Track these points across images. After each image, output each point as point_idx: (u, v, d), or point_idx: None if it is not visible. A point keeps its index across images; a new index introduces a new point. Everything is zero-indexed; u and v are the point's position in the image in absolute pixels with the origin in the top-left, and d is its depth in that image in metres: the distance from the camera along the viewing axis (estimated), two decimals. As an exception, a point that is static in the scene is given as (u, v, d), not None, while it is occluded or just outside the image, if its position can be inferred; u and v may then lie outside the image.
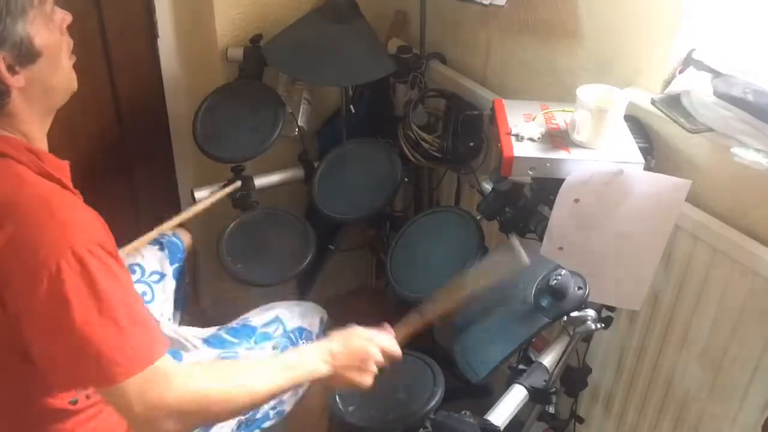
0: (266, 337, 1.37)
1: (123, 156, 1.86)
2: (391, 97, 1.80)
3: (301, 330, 1.42)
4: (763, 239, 1.19)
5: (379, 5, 1.86)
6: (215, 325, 1.40)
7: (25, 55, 0.93)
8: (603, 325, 1.18)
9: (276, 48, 1.65)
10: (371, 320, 1.17)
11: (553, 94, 1.47)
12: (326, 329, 1.48)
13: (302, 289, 1.89)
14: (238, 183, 1.63)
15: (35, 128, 1.00)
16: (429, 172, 1.83)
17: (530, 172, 1.21)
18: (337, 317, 1.52)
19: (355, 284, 2.11)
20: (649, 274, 1.25)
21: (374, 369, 1.13)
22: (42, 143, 1.03)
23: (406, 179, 1.65)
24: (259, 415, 1.33)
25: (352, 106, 1.77)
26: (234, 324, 1.39)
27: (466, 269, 1.20)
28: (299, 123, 1.73)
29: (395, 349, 1.15)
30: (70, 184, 1.02)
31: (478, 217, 1.42)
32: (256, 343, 1.35)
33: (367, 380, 1.12)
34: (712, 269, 1.26)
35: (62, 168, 1.02)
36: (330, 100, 1.90)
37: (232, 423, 1.29)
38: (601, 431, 1.63)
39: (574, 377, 1.35)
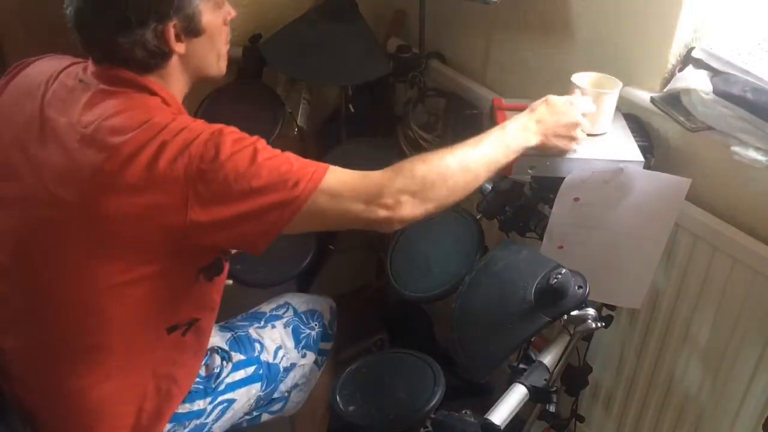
0: (277, 317, 1.40)
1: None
2: (390, 96, 1.80)
3: (313, 312, 1.44)
4: (763, 237, 1.19)
5: (379, 4, 1.86)
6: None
7: (192, 28, 1.08)
8: (603, 324, 1.18)
9: (274, 47, 1.65)
10: (371, 320, 1.17)
11: (552, 92, 1.47)
12: (336, 317, 1.50)
13: (302, 290, 1.89)
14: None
15: (177, 93, 1.12)
16: (429, 171, 1.83)
17: (530, 171, 1.21)
18: (338, 316, 1.52)
19: (355, 284, 2.11)
20: (650, 272, 1.25)
21: (579, 135, 1.17)
22: None
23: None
24: (276, 395, 1.38)
25: (351, 106, 1.77)
26: (244, 314, 1.43)
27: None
28: (299, 123, 1.73)
29: (592, 109, 1.20)
30: None
31: (478, 217, 1.42)
32: (266, 322, 1.38)
33: (572, 147, 1.18)
34: (712, 267, 1.26)
35: None
36: (329, 99, 1.90)
37: (252, 400, 1.33)
38: (601, 430, 1.63)
39: (574, 376, 1.35)
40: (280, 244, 1.66)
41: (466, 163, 1.07)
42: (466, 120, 1.59)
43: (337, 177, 1.03)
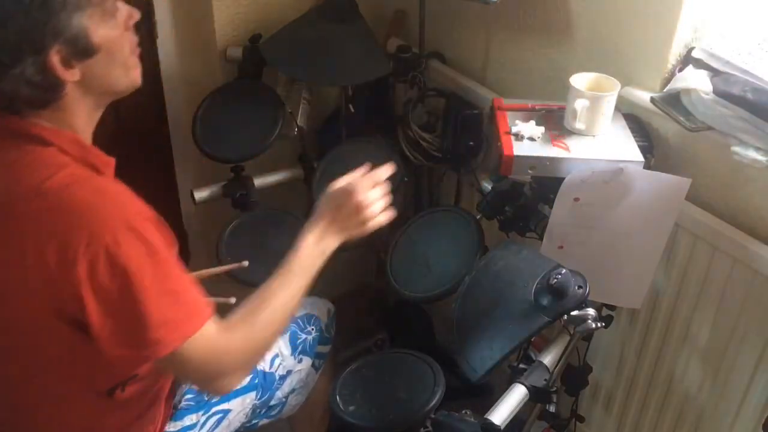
0: None
1: (122, 156, 1.85)
2: (390, 96, 1.80)
3: (310, 316, 1.43)
4: (763, 237, 1.19)
5: (379, 4, 1.86)
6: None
7: (82, 50, 0.93)
8: (603, 324, 1.18)
9: (274, 47, 1.65)
10: (371, 320, 1.17)
11: (552, 92, 1.47)
12: (335, 320, 1.49)
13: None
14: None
15: (83, 122, 1.01)
16: (428, 171, 1.83)
17: (530, 171, 1.21)
18: (338, 317, 1.52)
19: (355, 284, 2.11)
20: (650, 272, 1.25)
21: (373, 210, 1.15)
22: (88, 137, 1.03)
23: (405, 179, 1.65)
24: (273, 402, 1.36)
25: (351, 106, 1.77)
26: None
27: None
28: (299, 123, 1.73)
29: (375, 176, 1.16)
30: (112, 178, 1.04)
31: (478, 217, 1.43)
32: None
33: (370, 225, 1.16)
34: (712, 267, 1.26)
35: (107, 163, 1.04)
36: (330, 99, 1.90)
37: (247, 409, 1.31)
38: (601, 430, 1.63)
39: (574, 376, 1.35)
40: (279, 243, 1.67)
41: (285, 309, 1.07)
42: (466, 120, 1.59)
43: (202, 343, 0.97)
